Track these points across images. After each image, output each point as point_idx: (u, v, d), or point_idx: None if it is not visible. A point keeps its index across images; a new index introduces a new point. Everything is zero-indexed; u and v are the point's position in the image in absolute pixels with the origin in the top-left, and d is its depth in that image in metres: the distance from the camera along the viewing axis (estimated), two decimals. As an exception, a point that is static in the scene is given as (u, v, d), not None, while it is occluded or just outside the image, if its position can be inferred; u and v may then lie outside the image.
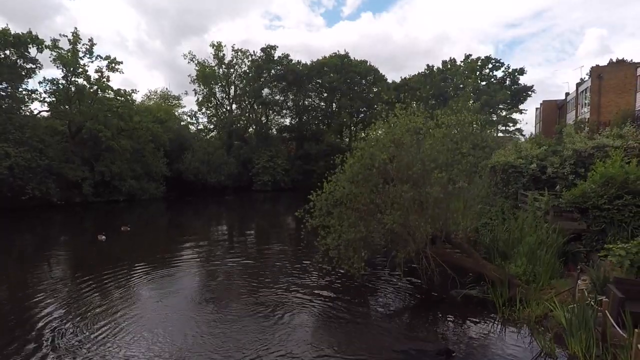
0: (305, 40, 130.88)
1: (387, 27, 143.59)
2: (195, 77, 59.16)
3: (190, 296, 13.26)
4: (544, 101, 55.19)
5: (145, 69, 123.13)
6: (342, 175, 13.30)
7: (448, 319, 11.81)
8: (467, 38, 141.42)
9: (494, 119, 52.38)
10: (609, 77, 35.76)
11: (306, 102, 64.09)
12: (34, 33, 34.10)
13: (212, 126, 62.69)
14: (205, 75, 58.31)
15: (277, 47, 58.98)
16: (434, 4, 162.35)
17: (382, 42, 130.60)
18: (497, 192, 20.29)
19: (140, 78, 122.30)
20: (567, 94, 49.40)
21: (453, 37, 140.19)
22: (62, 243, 23.63)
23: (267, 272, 16.58)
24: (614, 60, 57.31)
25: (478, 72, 57.62)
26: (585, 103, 40.33)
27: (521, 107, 57.69)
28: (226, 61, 59.16)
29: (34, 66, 34.70)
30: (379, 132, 14.47)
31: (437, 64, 62.29)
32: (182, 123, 63.67)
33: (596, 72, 36.74)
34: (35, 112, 38.17)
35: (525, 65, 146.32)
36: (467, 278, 13.56)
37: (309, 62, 62.22)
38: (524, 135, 61.91)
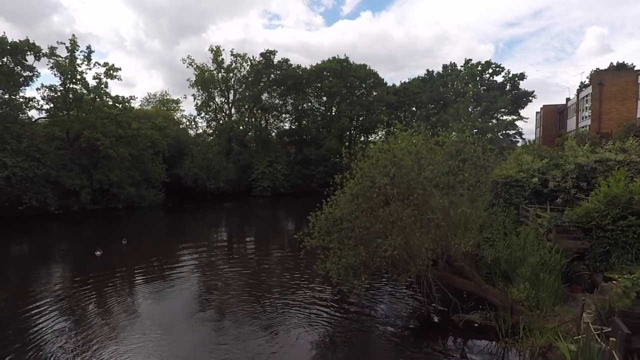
0: (305, 39, 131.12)
1: (386, 26, 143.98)
2: (194, 82, 58.90)
3: (189, 314, 13.11)
4: (544, 106, 54.92)
5: (144, 68, 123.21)
6: (342, 196, 13.10)
7: (449, 345, 11.58)
8: (467, 37, 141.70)
9: (494, 122, 51.95)
10: (610, 84, 35.55)
11: (305, 107, 63.84)
12: (31, 38, 34.04)
13: (211, 130, 62.45)
14: (204, 80, 58.04)
15: (277, 52, 58.85)
16: (434, 3, 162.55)
17: (381, 41, 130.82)
18: (498, 206, 20.06)
19: (139, 78, 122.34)
20: (567, 99, 49.15)
21: (453, 36, 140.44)
22: (57, 255, 23.33)
23: (266, 286, 16.41)
24: (615, 63, 57.41)
25: (478, 78, 57.34)
26: (586, 107, 40.17)
27: (521, 111, 57.66)
28: (225, 65, 58.93)
29: (31, 74, 34.44)
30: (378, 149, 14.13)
31: (437, 64, 62.70)
32: (181, 126, 63.56)
33: (597, 79, 36.52)
34: (33, 119, 37.92)
35: (525, 64, 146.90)
36: (469, 302, 13.37)
37: (309, 62, 62.34)
38: (524, 139, 61.85)
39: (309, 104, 64.36)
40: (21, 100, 35.33)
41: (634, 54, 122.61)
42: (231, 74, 59.63)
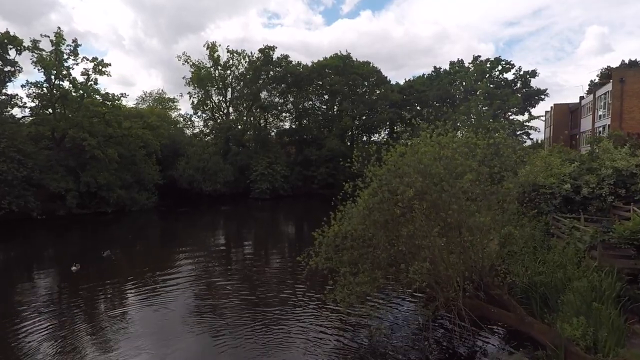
0: (304, 39, 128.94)
1: (386, 25, 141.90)
2: (190, 79, 56.50)
3: (176, 345, 11.36)
4: (555, 104, 52.67)
5: (143, 67, 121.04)
6: (354, 209, 10.88)
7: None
8: (467, 37, 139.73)
9: (504, 121, 49.47)
10: (632, 81, 33.30)
11: (306, 105, 61.49)
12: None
13: (207, 130, 60.09)
14: (200, 78, 55.65)
15: (276, 47, 56.41)
16: (433, 2, 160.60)
17: (381, 40, 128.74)
18: (527, 215, 17.82)
19: (138, 77, 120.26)
20: (581, 98, 46.90)
21: (453, 35, 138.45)
22: (27, 268, 20.96)
23: (265, 304, 14.52)
24: (614, 62, 55.14)
25: (487, 75, 54.81)
26: (601, 105, 37.95)
27: (532, 110, 55.27)
28: (222, 62, 56.51)
29: (13, 69, 32.10)
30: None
31: (438, 63, 60.74)
32: (178, 125, 61.27)
33: (618, 76, 34.27)
34: (17, 117, 35.54)
35: (524, 64, 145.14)
36: (508, 336, 11.13)
37: (308, 61, 59.81)
38: (531, 139, 59.50)
39: (310, 102, 62.01)
40: (3, 97, 32.95)
41: (634, 53, 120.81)
42: (228, 71, 57.26)
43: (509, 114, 52.10)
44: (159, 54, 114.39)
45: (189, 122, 62.22)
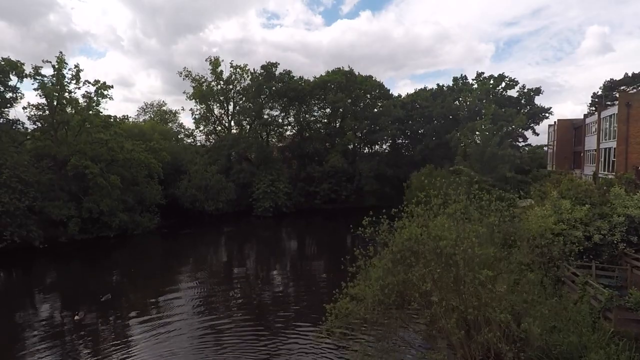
0: (304, 39, 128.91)
1: (386, 25, 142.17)
2: (191, 95, 56.20)
3: None
4: (558, 120, 52.45)
5: (142, 68, 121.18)
6: (367, 289, 10.63)
7: None
8: (467, 37, 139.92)
9: (508, 150, 48.79)
10: (639, 105, 33.08)
11: (309, 118, 61.16)
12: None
13: (209, 144, 59.82)
14: (202, 94, 55.35)
15: (279, 64, 56.03)
16: (432, 3, 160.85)
17: (381, 40, 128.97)
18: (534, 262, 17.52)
19: (137, 77, 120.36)
20: (585, 116, 46.70)
21: (453, 35, 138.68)
22: (33, 308, 20.65)
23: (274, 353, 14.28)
24: (629, 74, 55.00)
25: (492, 95, 54.15)
26: (606, 127, 37.71)
27: (537, 128, 55.07)
28: (224, 77, 56.27)
29: (14, 95, 31.83)
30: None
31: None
32: (180, 136, 61.06)
33: (624, 99, 34.04)
34: (19, 141, 35.26)
35: (523, 64, 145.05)
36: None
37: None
38: (534, 148, 59.09)
39: (312, 117, 61.71)
40: (3, 121, 32.62)
41: (633, 53, 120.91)
42: (231, 86, 57.00)
43: (513, 126, 51.34)
44: (158, 55, 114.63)
45: (191, 137, 62.19)
